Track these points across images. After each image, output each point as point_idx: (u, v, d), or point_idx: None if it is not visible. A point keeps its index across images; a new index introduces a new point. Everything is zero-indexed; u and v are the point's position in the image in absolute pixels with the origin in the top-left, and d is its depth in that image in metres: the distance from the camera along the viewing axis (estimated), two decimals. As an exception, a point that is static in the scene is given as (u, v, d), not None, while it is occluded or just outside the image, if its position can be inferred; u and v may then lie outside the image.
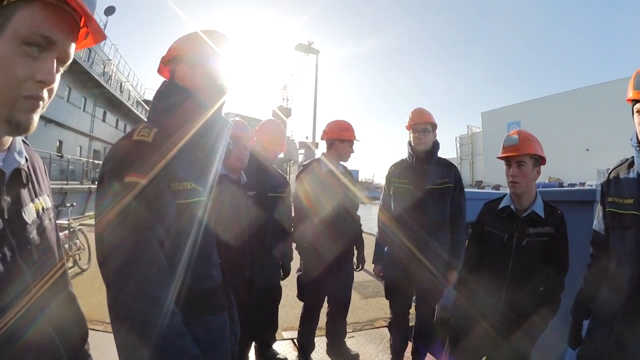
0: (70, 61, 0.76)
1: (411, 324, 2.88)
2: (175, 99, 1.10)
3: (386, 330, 2.98)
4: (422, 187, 2.60)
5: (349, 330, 3.37)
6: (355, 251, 3.08)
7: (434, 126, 2.67)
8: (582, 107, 47.77)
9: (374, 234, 3.10)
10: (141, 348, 0.88)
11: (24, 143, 0.83)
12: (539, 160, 1.94)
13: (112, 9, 23.85)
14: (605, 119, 42.06)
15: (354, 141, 2.92)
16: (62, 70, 0.76)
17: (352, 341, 3.44)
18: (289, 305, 4.01)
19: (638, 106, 1.44)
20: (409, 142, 2.70)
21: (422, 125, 2.61)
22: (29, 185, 0.80)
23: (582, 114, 47.74)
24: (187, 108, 1.09)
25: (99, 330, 3.23)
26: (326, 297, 2.99)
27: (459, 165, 66.10)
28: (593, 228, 1.76)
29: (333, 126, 2.93)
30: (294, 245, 2.96)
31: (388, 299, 2.82)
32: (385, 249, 2.80)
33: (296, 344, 3.20)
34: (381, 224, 2.84)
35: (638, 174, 1.52)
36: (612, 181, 1.63)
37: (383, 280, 2.86)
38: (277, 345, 3.18)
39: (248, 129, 2.40)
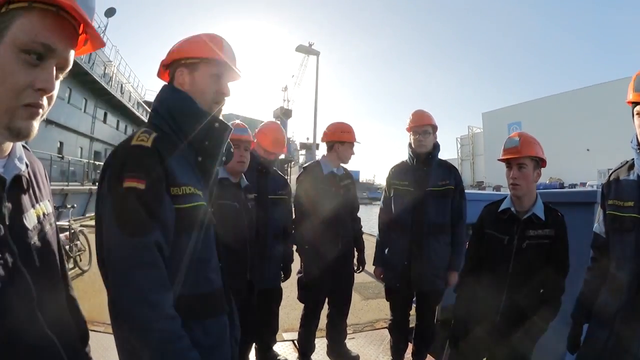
0: (69, 68, 0.76)
1: (411, 325, 2.89)
2: (175, 103, 1.10)
3: (387, 332, 2.97)
4: (423, 189, 2.60)
5: (349, 331, 3.37)
6: (355, 253, 3.08)
7: (434, 128, 2.67)
8: (583, 107, 47.76)
9: (375, 234, 3.10)
10: (141, 351, 0.89)
11: (24, 148, 0.84)
12: (540, 162, 1.95)
13: (113, 10, 23.88)
14: (606, 119, 42.04)
15: (354, 143, 2.93)
16: (62, 77, 0.76)
17: (353, 342, 3.44)
18: (290, 307, 4.01)
19: (638, 108, 1.44)
20: (410, 144, 2.70)
21: (423, 127, 2.61)
22: (30, 191, 0.80)
23: (583, 114, 47.73)
24: (186, 112, 1.09)
25: (100, 331, 3.23)
26: (326, 299, 3.00)
27: (459, 166, 66.09)
28: (594, 230, 1.75)
29: (333, 128, 2.94)
30: (295, 246, 2.96)
31: (388, 300, 2.83)
32: (385, 251, 2.80)
33: (296, 345, 3.20)
34: (382, 226, 2.85)
35: (638, 176, 1.51)
36: (612, 183, 1.62)
37: (383, 282, 2.87)
38: (278, 347, 3.18)
39: (249, 131, 2.40)
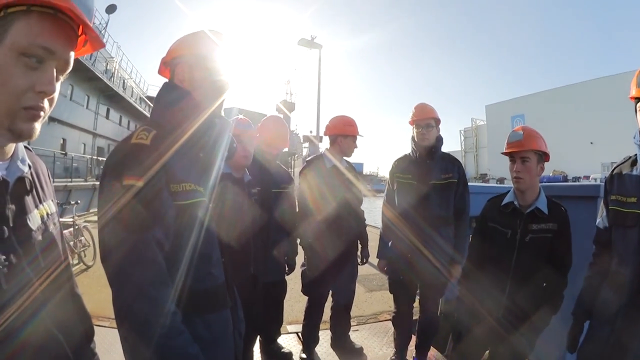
0: (69, 69, 0.76)
1: (415, 317, 2.90)
2: (174, 100, 1.11)
3: (390, 324, 2.99)
4: (426, 183, 2.59)
5: (353, 323, 3.40)
6: (359, 245, 3.09)
7: (437, 121, 2.65)
8: (587, 101, 47.40)
9: (379, 227, 3.10)
10: (141, 347, 0.90)
11: (27, 149, 0.84)
12: (543, 156, 1.94)
13: (114, 7, 23.77)
14: (610, 112, 41.72)
15: (357, 136, 2.92)
16: (62, 79, 0.76)
17: (356, 335, 3.46)
18: (294, 299, 4.03)
19: None
20: (413, 138, 2.69)
21: (426, 121, 2.60)
22: (33, 192, 0.81)
23: (587, 107, 47.39)
24: (186, 109, 1.09)
25: (105, 326, 3.26)
26: (330, 291, 3.01)
27: (463, 158, 65.91)
28: (596, 225, 1.74)
29: (336, 122, 2.93)
30: (298, 240, 2.97)
31: (392, 292, 2.84)
32: (389, 244, 2.80)
33: (301, 337, 3.22)
34: (385, 219, 2.85)
35: None
36: (615, 178, 1.61)
37: (387, 275, 2.88)
38: (282, 339, 3.22)
39: (252, 126, 2.39)
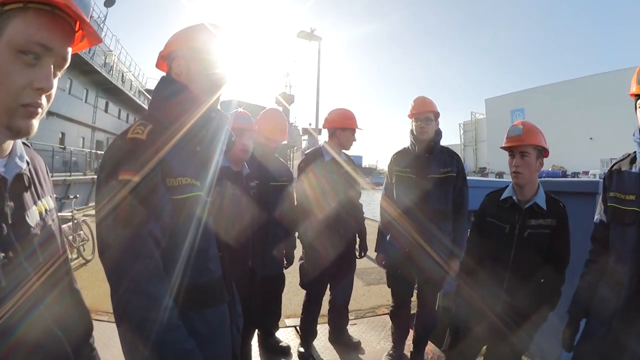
0: (67, 65, 0.76)
1: (413, 311, 2.91)
2: (171, 94, 1.10)
3: (388, 318, 3.00)
4: (425, 176, 2.59)
5: (351, 317, 3.42)
6: (357, 239, 3.09)
7: (436, 115, 2.64)
8: (587, 96, 47.27)
9: (377, 220, 3.10)
10: (138, 343, 0.90)
11: (25, 145, 0.84)
12: (542, 151, 1.93)
13: (112, 0, 23.55)
14: (610, 108, 41.62)
15: (356, 129, 2.92)
16: (60, 75, 0.76)
17: (354, 328, 3.48)
18: (292, 293, 4.05)
19: None
20: (412, 131, 2.68)
21: (425, 114, 2.59)
22: (31, 189, 0.81)
23: (587, 103, 47.27)
24: (183, 102, 1.09)
25: (104, 320, 3.27)
26: (328, 285, 3.02)
27: (462, 152, 65.87)
28: (594, 222, 1.73)
29: (335, 115, 2.93)
30: (297, 233, 2.97)
31: (390, 287, 2.85)
32: (387, 237, 2.81)
33: (299, 331, 3.24)
34: (384, 212, 2.85)
35: None
36: (614, 175, 1.60)
37: (385, 269, 2.89)
38: (280, 333, 3.23)
39: (252, 120, 2.39)
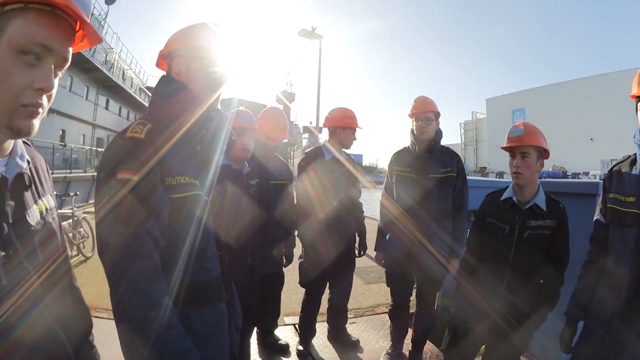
0: (68, 65, 0.76)
1: (412, 310, 2.92)
2: (171, 93, 1.10)
3: (387, 317, 3.00)
4: (425, 176, 2.59)
5: (350, 316, 3.42)
6: (357, 238, 3.10)
7: (436, 115, 2.64)
8: (588, 96, 47.20)
9: (377, 219, 3.11)
10: (137, 341, 0.91)
11: (25, 144, 0.84)
12: (543, 152, 1.94)
13: (113, -2, 23.45)
14: (611, 109, 41.58)
15: (356, 128, 2.92)
16: (61, 75, 0.76)
17: (353, 327, 3.49)
18: (291, 291, 4.06)
19: None
20: (412, 130, 2.68)
21: (425, 114, 2.59)
22: (32, 188, 0.81)
23: (588, 103, 47.20)
24: (183, 101, 1.09)
25: (103, 317, 3.27)
26: (328, 283, 3.03)
27: (463, 151, 65.82)
28: (593, 223, 1.73)
29: (335, 114, 2.92)
30: (296, 232, 2.98)
31: (389, 286, 2.85)
32: (387, 236, 2.81)
33: (298, 329, 3.25)
34: (384, 211, 2.85)
35: None
36: (614, 177, 1.60)
37: (385, 268, 2.89)
38: (279, 331, 3.24)
39: (254, 119, 2.39)
